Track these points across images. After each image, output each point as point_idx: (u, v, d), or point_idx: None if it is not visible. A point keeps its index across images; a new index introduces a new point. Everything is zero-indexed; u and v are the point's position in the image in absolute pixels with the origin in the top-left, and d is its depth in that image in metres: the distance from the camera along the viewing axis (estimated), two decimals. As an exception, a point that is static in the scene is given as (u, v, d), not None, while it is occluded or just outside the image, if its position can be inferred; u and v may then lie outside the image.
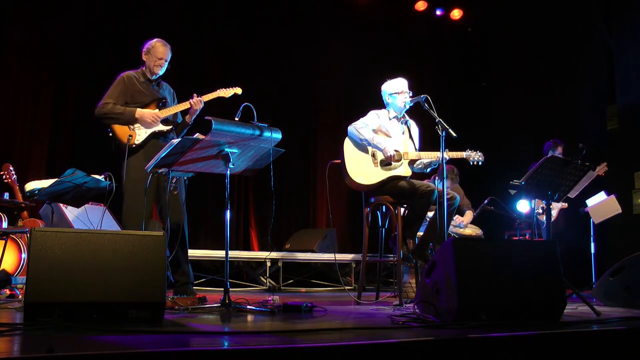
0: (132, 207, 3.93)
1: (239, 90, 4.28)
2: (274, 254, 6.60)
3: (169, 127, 4.14)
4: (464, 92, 8.87)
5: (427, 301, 2.93)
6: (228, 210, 3.45)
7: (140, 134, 4.03)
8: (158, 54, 4.13)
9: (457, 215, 5.99)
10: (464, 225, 6.06)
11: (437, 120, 3.93)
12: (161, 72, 4.18)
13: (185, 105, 4.13)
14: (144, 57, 4.17)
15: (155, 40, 4.19)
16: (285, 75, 7.87)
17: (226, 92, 4.26)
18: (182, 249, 4.05)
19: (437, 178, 5.71)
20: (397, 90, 4.38)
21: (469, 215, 6.15)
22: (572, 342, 2.47)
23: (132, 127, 4.04)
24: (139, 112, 4.03)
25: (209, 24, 7.50)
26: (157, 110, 4.10)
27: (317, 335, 2.30)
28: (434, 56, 9.05)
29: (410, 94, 4.36)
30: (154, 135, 4.06)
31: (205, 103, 4.17)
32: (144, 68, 4.19)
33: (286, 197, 7.68)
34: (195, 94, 4.12)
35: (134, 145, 4.00)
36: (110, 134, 4.05)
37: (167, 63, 4.17)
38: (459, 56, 9.19)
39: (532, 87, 8.22)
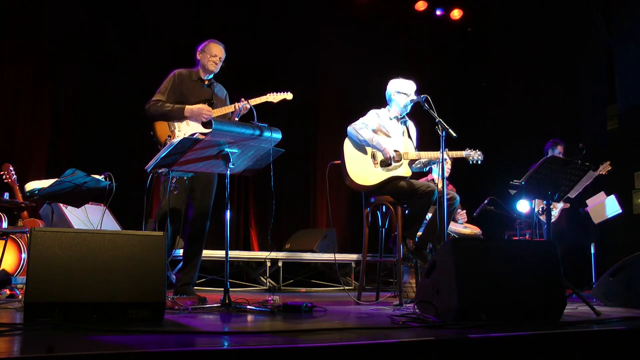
0: (163, 206, 3.94)
1: (289, 96, 4.27)
2: (274, 254, 6.59)
3: (208, 130, 4.13)
4: (464, 92, 8.86)
5: (427, 301, 2.93)
6: (228, 210, 3.45)
7: (179, 136, 4.02)
8: (213, 51, 4.20)
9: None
10: (462, 220, 6.04)
11: (437, 120, 3.93)
12: (216, 70, 4.23)
13: (230, 109, 4.16)
14: (199, 56, 4.24)
15: (209, 40, 4.27)
16: (285, 75, 7.86)
17: (275, 97, 4.25)
18: (199, 250, 4.15)
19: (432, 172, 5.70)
20: (404, 90, 4.37)
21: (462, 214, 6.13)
22: (572, 342, 2.47)
23: (172, 128, 4.07)
24: (188, 108, 4.07)
25: (208, 23, 7.49)
26: None
27: (317, 335, 2.30)
28: (434, 56, 9.04)
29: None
30: None
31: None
32: (198, 68, 4.25)
33: (286, 197, 7.67)
34: (242, 98, 4.13)
35: None
36: (151, 133, 4.10)
37: (221, 61, 4.23)
38: (459, 56, 9.19)
39: (532, 87, 8.21)
